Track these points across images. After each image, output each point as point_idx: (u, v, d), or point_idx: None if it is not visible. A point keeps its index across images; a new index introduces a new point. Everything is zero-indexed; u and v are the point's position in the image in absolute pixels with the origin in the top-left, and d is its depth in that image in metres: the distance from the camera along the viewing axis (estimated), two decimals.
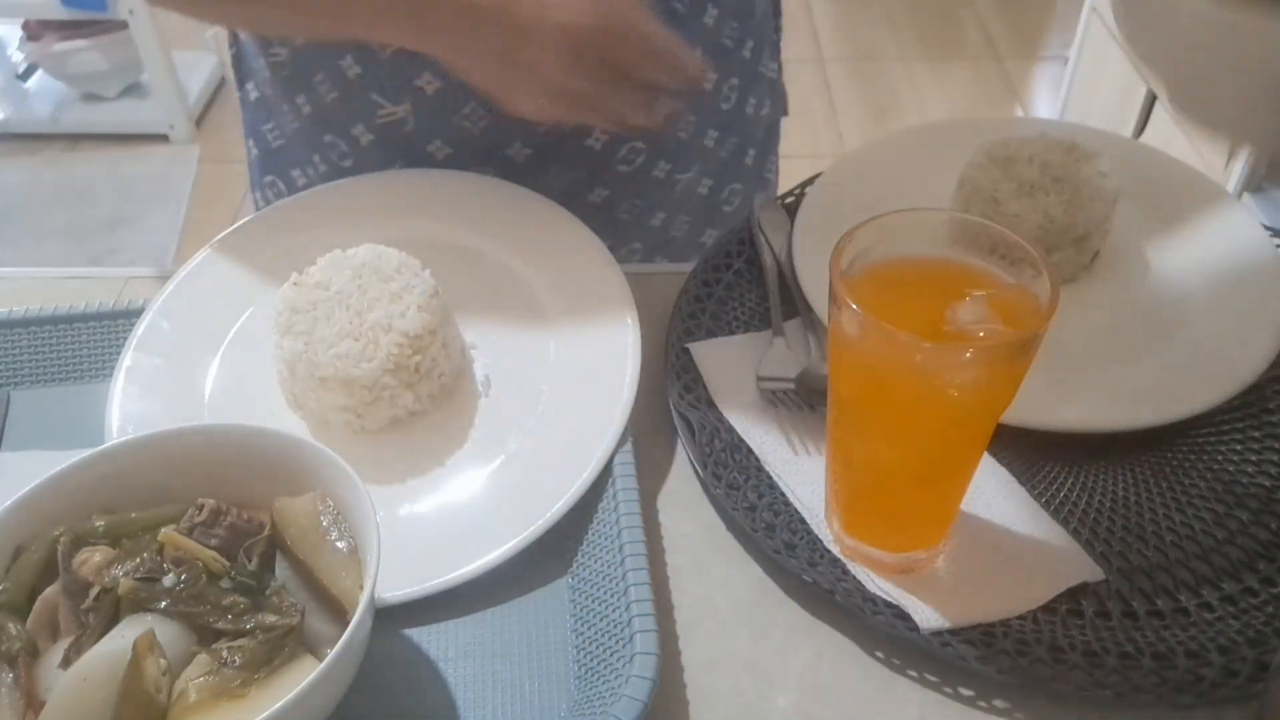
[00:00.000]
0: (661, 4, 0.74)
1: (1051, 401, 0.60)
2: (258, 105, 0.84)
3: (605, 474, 0.58)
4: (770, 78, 0.89)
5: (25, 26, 2.73)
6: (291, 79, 0.79)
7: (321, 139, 0.80)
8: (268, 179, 0.86)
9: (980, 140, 0.73)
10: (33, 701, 0.43)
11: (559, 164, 0.79)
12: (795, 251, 0.70)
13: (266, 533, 0.48)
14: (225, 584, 0.46)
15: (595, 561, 0.55)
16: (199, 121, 2.83)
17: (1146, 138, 1.98)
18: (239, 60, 0.85)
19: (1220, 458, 0.60)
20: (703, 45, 0.77)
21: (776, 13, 0.89)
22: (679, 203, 0.86)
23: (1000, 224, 0.48)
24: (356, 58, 0.75)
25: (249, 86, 0.84)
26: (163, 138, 2.76)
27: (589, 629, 0.52)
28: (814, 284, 0.68)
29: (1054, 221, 0.67)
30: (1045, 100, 2.87)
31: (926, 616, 0.52)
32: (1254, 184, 1.68)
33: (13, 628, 0.45)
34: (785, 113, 0.94)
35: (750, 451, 0.60)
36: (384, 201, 0.75)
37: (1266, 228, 0.73)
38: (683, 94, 0.65)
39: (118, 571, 0.46)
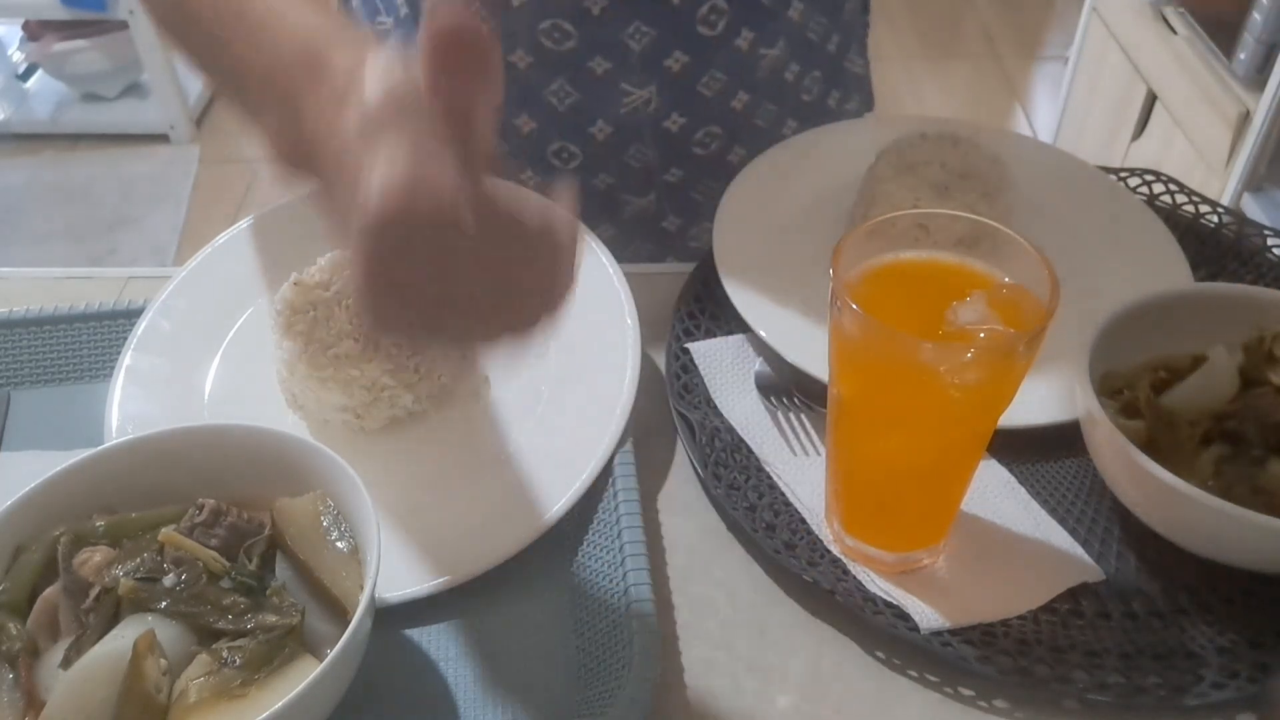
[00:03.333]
0: None
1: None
2: None
3: (605, 474, 0.58)
4: (856, 73, 0.91)
5: (25, 26, 2.73)
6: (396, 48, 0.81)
7: None
8: None
9: (850, 145, 0.75)
10: (33, 701, 0.43)
11: (639, 143, 0.82)
12: (720, 265, 0.69)
13: (267, 533, 0.48)
14: (225, 584, 0.46)
15: (595, 561, 0.55)
16: (199, 122, 2.83)
17: (1147, 137, 1.98)
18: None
19: None
20: (786, 38, 0.80)
21: (865, 9, 0.91)
22: None
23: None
24: None
25: None
26: (163, 138, 2.76)
27: (589, 629, 0.52)
28: (741, 295, 0.67)
29: (981, 216, 0.67)
30: (1045, 100, 2.87)
31: (927, 616, 0.52)
32: (1254, 184, 1.68)
33: (13, 628, 0.45)
34: (871, 108, 0.96)
35: (750, 451, 0.60)
36: None
37: (1266, 229, 0.73)
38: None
39: (118, 571, 0.46)
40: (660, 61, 0.77)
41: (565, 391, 0.63)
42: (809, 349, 0.62)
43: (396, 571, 0.53)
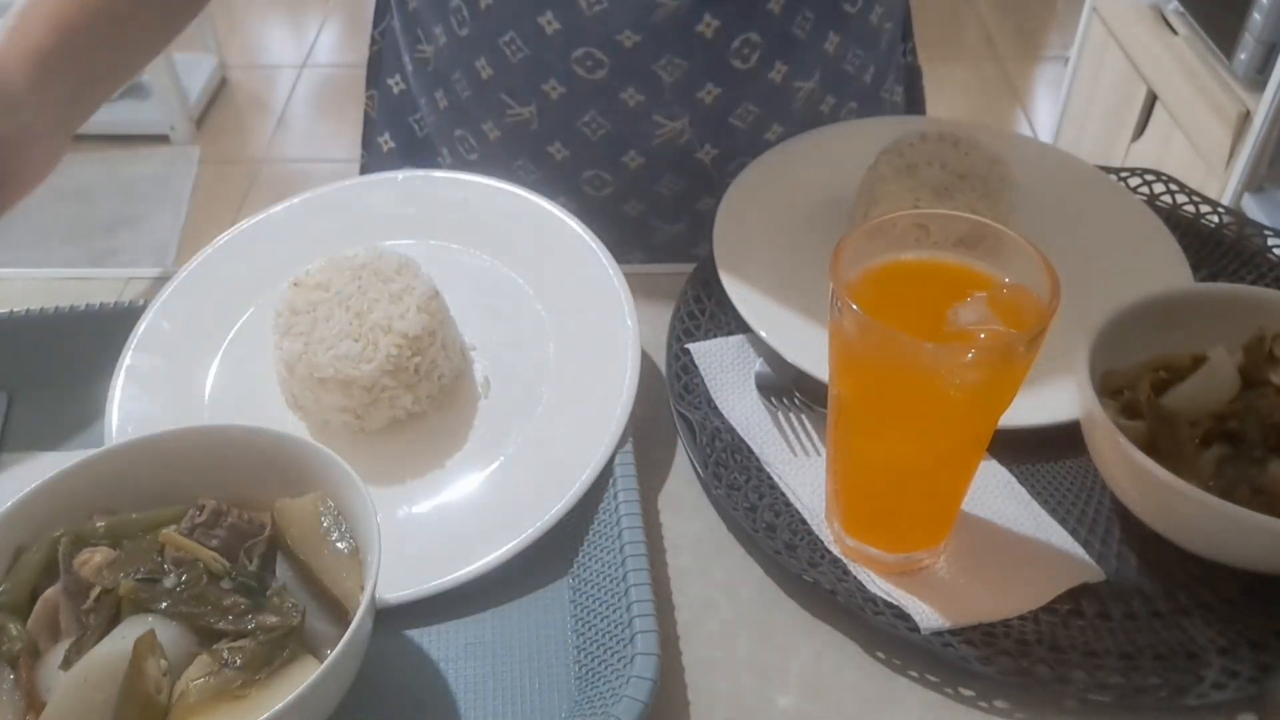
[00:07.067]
0: (780, 28, 0.75)
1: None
2: (401, 98, 0.89)
3: (605, 474, 0.58)
4: (894, 101, 0.91)
5: None
6: (434, 74, 0.83)
7: (453, 133, 0.84)
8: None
9: (850, 145, 0.75)
10: (33, 702, 0.43)
11: (671, 173, 0.82)
12: (720, 265, 0.69)
13: (267, 533, 0.48)
14: (226, 585, 0.46)
15: (596, 562, 0.55)
16: (199, 122, 2.84)
17: (1147, 137, 1.98)
18: (379, 57, 0.89)
19: None
20: (821, 70, 0.79)
21: (906, 34, 0.91)
22: None
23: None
24: (490, 60, 0.78)
25: (391, 81, 0.89)
26: (163, 138, 2.76)
27: (589, 629, 0.52)
28: (742, 295, 0.67)
29: (981, 216, 0.67)
30: (1045, 100, 2.87)
31: (927, 617, 0.52)
32: (1254, 184, 1.68)
33: (13, 628, 0.45)
34: None
35: (751, 452, 0.60)
36: (385, 203, 0.75)
37: (1267, 229, 0.73)
38: None
39: (118, 572, 0.46)
40: (693, 93, 0.76)
41: (565, 391, 0.63)
42: (809, 349, 0.62)
43: (396, 571, 0.53)
